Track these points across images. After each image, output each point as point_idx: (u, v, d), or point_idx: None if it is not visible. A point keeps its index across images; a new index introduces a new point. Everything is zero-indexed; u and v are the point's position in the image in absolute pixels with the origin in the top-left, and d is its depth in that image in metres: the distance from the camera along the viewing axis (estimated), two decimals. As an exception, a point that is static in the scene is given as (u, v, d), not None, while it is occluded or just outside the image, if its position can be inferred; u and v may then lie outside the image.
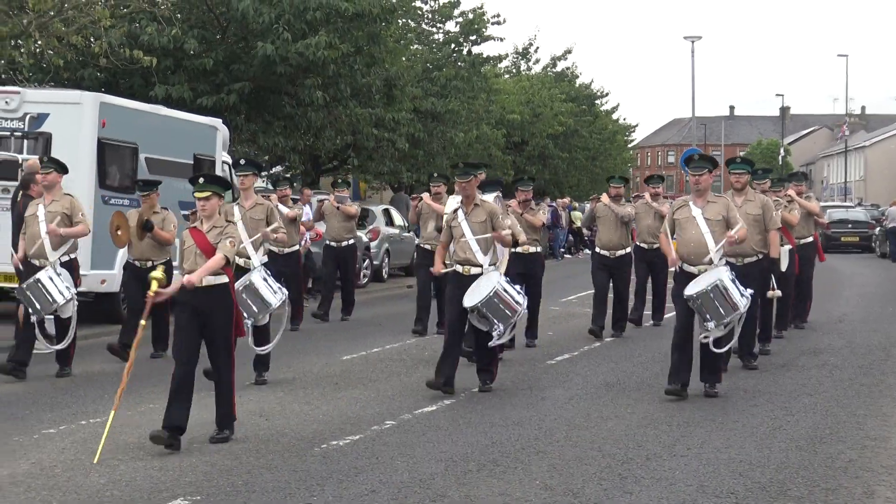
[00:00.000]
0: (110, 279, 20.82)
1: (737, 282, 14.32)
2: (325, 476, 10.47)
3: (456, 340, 14.99)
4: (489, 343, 15.00)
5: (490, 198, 15.78)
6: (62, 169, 16.28)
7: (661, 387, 14.39)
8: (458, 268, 14.94)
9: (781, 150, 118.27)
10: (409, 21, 43.11)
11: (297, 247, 21.56)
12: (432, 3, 44.85)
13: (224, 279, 11.82)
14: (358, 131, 35.77)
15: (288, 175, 28.76)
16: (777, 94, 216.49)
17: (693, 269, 14.28)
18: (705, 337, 14.34)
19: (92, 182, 21.02)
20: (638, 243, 21.70)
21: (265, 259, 15.90)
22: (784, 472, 10.79)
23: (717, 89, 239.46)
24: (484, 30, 45.81)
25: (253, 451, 11.45)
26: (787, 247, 19.18)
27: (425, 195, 21.02)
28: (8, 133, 21.22)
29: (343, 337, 20.86)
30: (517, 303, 14.85)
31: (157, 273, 11.93)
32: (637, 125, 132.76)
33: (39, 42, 25.39)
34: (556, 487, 10.10)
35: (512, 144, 55.58)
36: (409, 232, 34.40)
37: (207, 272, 11.54)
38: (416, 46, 44.00)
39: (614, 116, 77.78)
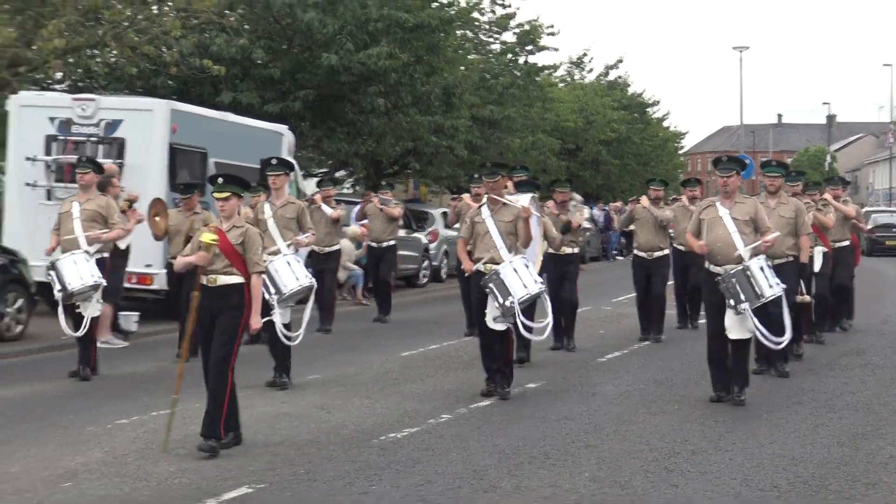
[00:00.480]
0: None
1: (769, 271, 13.62)
2: (382, 467, 10.54)
3: (490, 342, 14.46)
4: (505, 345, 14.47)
5: (525, 199, 15.00)
6: (99, 169, 16.20)
7: (708, 384, 14.17)
8: (481, 267, 14.18)
9: (828, 157, 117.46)
10: (468, 32, 43.04)
11: (336, 246, 21.48)
12: (490, 15, 44.72)
13: (239, 279, 11.34)
14: (418, 137, 35.76)
15: (332, 176, 28.37)
16: (824, 103, 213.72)
17: (719, 270, 13.56)
18: (739, 347, 13.74)
19: (163, 185, 21.19)
20: (676, 246, 21.19)
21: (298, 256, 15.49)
22: (826, 467, 10.77)
23: (766, 98, 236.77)
24: (539, 40, 45.64)
25: (315, 443, 11.53)
26: (821, 248, 18.76)
27: (465, 196, 19.83)
28: (84, 138, 21.47)
29: (402, 335, 20.90)
30: (535, 281, 14.19)
31: (207, 236, 11.18)
32: (687, 132, 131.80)
33: (114, 52, 25.56)
34: (604, 479, 10.12)
35: (566, 151, 55.42)
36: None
37: (260, 301, 11.46)
38: (473, 56, 43.89)
39: (665, 124, 77.35)
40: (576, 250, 18.88)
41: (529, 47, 45.74)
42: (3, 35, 22.05)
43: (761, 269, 13.50)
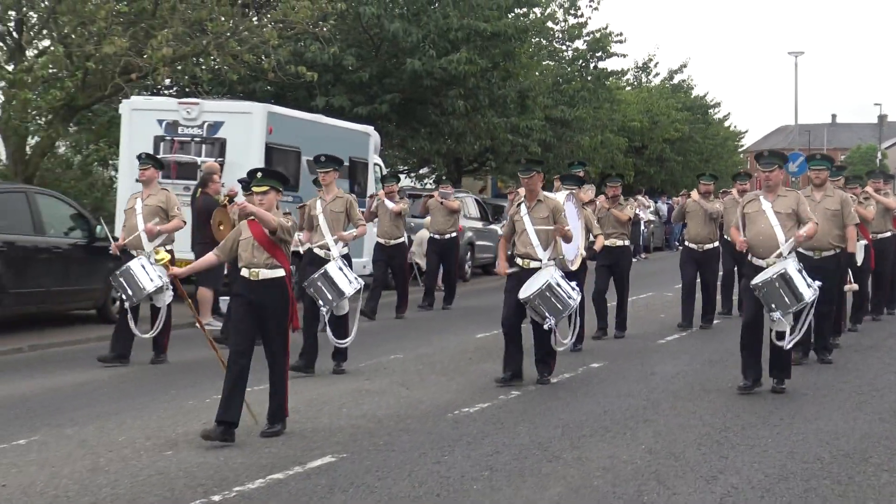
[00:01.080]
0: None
1: (804, 273, 12.50)
2: (455, 438, 10.56)
3: (513, 335, 13.59)
4: (544, 335, 13.52)
5: (561, 196, 14.27)
6: (159, 165, 15.87)
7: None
8: (518, 261, 13.47)
9: (879, 154, 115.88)
10: (542, 40, 42.94)
11: (402, 238, 21.01)
12: (563, 24, 44.56)
13: (281, 273, 10.64)
14: (495, 137, 35.76)
15: (396, 172, 27.68)
16: (875, 104, 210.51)
17: (761, 262, 12.58)
18: (779, 337, 12.65)
19: (261, 181, 21.37)
20: (725, 237, 19.79)
21: (346, 251, 14.84)
22: (867, 441, 10.64)
23: (820, 99, 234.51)
24: (609, 47, 45.34)
25: (394, 417, 11.57)
26: (863, 241, 17.28)
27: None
28: (189, 138, 21.70)
29: (478, 319, 20.76)
30: (570, 297, 13.23)
31: (160, 254, 11.45)
32: (746, 131, 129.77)
33: (217, 60, 25.77)
34: (659, 451, 10.07)
35: (633, 149, 55.12)
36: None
37: (263, 216, 10.40)
38: (547, 62, 43.80)
39: (726, 124, 76.46)
40: (626, 243, 18.14)
41: (599, 54, 45.50)
42: (116, 45, 22.27)
43: (800, 271, 12.46)
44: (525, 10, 36.67)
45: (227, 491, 8.65)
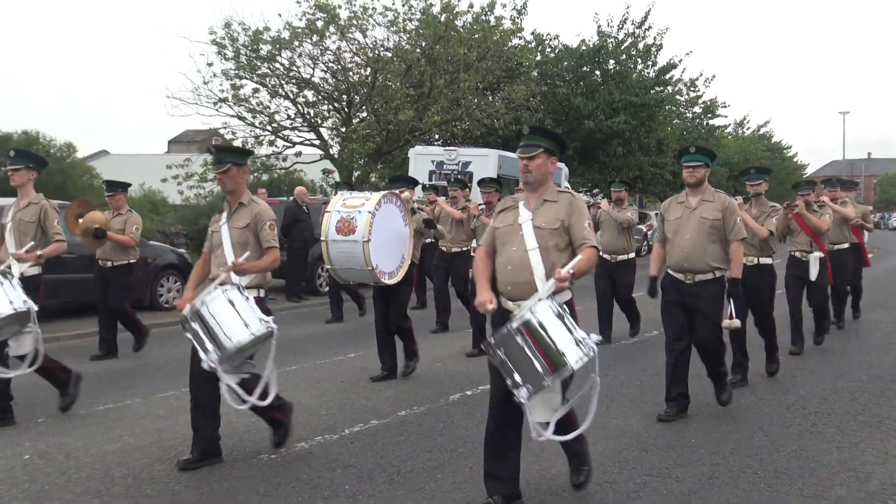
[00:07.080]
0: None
1: (567, 319, 4.60)
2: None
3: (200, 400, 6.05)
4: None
5: (377, 196, 8.42)
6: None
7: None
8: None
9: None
10: (672, 107, 41.96)
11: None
12: (686, 97, 43.40)
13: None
14: (641, 169, 35.23)
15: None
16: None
17: (509, 305, 4.97)
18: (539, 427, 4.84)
19: (493, 198, 21.51)
20: None
21: (36, 270, 7.41)
22: None
23: (860, 139, 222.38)
24: (716, 111, 44.28)
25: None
26: (818, 254, 10.55)
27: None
28: (450, 172, 22.00)
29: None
30: (259, 319, 5.63)
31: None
32: (808, 164, 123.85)
33: (467, 123, 26.04)
34: (750, 373, 9.44)
35: (732, 176, 53.45)
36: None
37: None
38: (676, 121, 42.81)
39: (794, 160, 73.06)
40: (630, 256, 11.54)
41: (710, 115, 44.44)
42: (406, 115, 22.78)
43: (560, 316, 4.62)
44: (662, 88, 35.96)
45: (389, 418, 8.07)
